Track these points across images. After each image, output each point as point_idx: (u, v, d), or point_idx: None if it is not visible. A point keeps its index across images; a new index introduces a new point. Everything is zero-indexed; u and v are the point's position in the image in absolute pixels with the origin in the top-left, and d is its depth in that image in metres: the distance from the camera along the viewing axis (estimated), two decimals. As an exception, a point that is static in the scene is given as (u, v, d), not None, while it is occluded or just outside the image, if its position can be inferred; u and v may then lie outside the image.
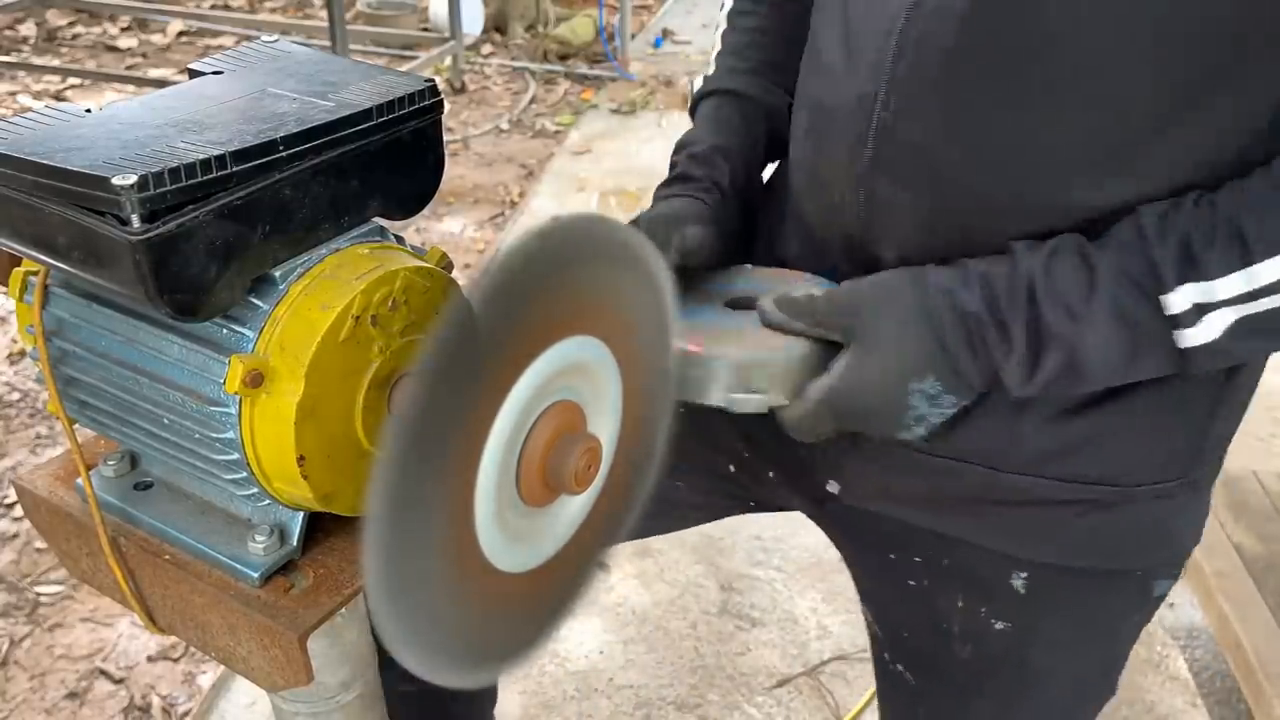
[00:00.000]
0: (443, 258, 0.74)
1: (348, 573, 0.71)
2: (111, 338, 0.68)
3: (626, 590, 2.04)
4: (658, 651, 1.90)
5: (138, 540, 0.72)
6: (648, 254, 0.61)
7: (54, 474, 0.78)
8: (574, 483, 0.59)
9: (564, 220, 0.53)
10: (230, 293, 0.62)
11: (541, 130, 4.29)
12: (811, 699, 1.82)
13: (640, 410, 0.66)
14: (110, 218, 0.57)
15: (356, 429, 0.67)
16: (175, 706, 1.76)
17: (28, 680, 1.79)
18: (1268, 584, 1.71)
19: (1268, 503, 1.90)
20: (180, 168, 0.57)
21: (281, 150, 0.62)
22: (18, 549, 2.06)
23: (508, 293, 0.51)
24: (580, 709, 1.78)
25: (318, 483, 0.65)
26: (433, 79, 0.72)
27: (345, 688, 0.78)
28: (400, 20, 5.01)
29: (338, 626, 0.74)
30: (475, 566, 0.56)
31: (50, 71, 4.38)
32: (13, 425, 2.41)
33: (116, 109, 0.66)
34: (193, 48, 5.00)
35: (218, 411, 0.64)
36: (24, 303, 0.71)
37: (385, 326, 0.66)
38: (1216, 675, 1.89)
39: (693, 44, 5.24)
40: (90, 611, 1.92)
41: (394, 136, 0.69)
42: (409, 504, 0.49)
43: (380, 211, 0.71)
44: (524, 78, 4.81)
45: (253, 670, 0.70)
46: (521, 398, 0.55)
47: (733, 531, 2.18)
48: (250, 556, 0.69)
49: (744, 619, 1.98)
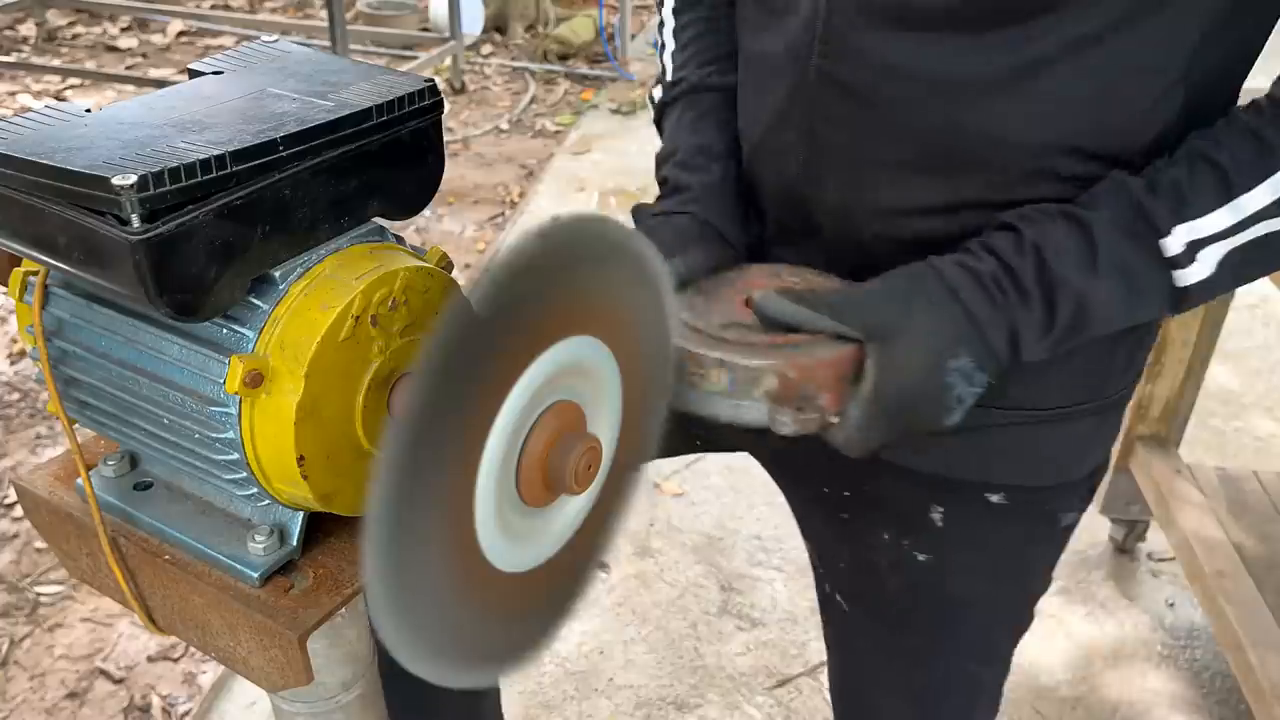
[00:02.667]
0: (443, 258, 0.74)
1: (348, 573, 0.71)
2: (111, 338, 0.68)
3: (626, 590, 2.04)
4: (658, 651, 1.90)
5: (138, 540, 0.72)
6: (648, 254, 0.61)
7: (54, 474, 0.78)
8: (574, 483, 0.59)
9: (564, 220, 0.53)
10: (230, 293, 0.62)
11: (541, 130, 4.29)
12: (811, 699, 1.82)
13: (640, 410, 0.66)
14: (110, 218, 0.57)
15: (356, 429, 0.67)
16: (175, 706, 1.76)
17: (28, 680, 1.79)
18: (1268, 584, 1.71)
19: (1268, 503, 1.90)
20: (180, 168, 0.57)
21: (281, 150, 0.62)
22: (18, 549, 2.06)
23: (508, 293, 0.51)
24: (580, 709, 1.78)
25: (318, 483, 0.65)
26: (433, 79, 0.72)
27: (345, 688, 0.78)
28: (400, 20, 5.01)
29: (338, 626, 0.74)
30: (475, 567, 0.56)
31: (50, 71, 4.38)
32: (13, 425, 2.41)
33: (116, 109, 0.66)
34: (193, 48, 5.00)
35: (218, 411, 0.64)
36: (24, 303, 0.71)
37: (385, 326, 0.66)
38: (1216, 675, 1.89)
39: (693, 44, 5.23)
40: (90, 611, 1.92)
41: (394, 136, 0.69)
42: (409, 504, 0.49)
43: (380, 211, 0.71)
44: (524, 78, 4.81)
45: (253, 670, 0.70)
46: (521, 398, 0.55)
47: (733, 532, 2.19)
48: (250, 556, 0.69)
49: (744, 619, 1.98)
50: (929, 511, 0.85)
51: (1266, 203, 0.66)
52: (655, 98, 0.94)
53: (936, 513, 0.85)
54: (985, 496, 0.85)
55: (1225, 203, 0.66)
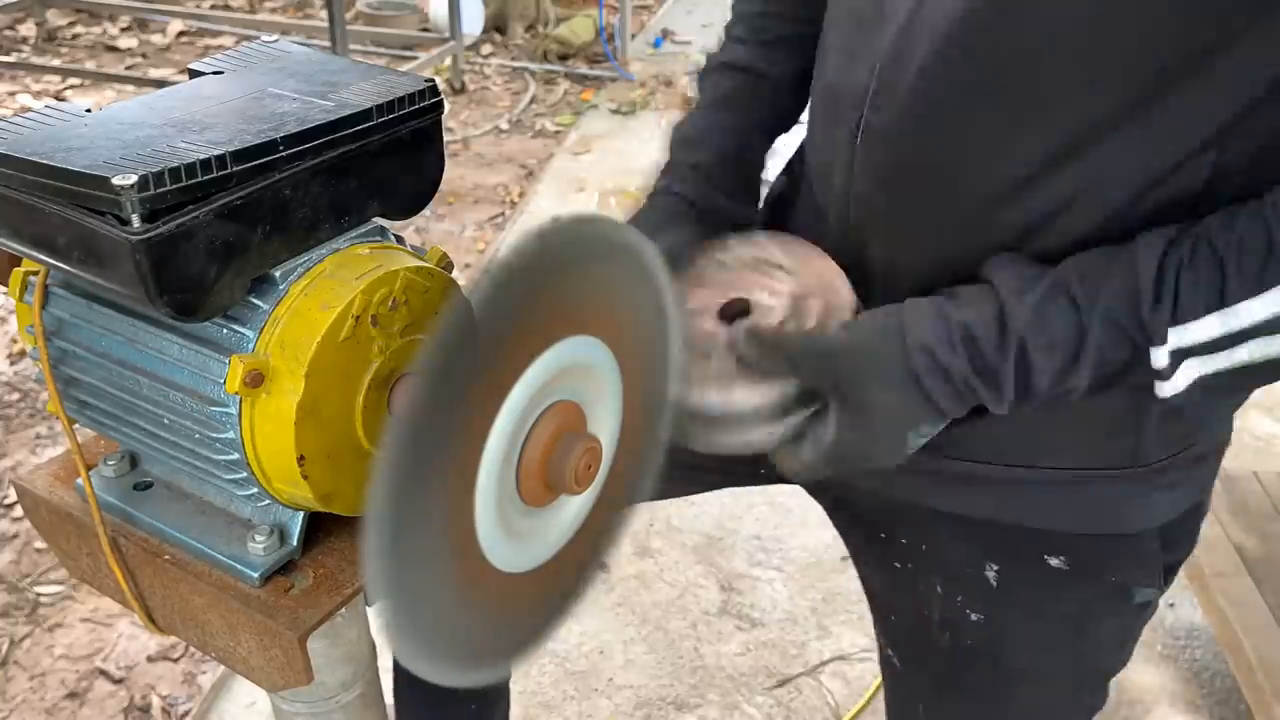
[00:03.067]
0: (443, 258, 0.74)
1: (348, 573, 0.71)
2: (111, 338, 0.68)
3: (626, 590, 2.04)
4: (658, 651, 1.90)
5: (138, 540, 0.72)
6: (648, 254, 0.61)
7: (54, 474, 0.78)
8: (574, 483, 0.59)
9: (564, 220, 0.53)
10: (230, 293, 0.62)
11: (541, 130, 4.29)
12: (811, 699, 1.82)
13: (640, 410, 0.66)
14: (110, 218, 0.57)
15: (356, 429, 0.67)
16: (175, 706, 1.76)
17: (28, 680, 1.79)
18: (1268, 584, 1.71)
19: (1268, 503, 1.90)
20: (180, 168, 0.57)
21: (281, 150, 0.62)
22: (18, 549, 2.06)
23: (508, 293, 0.51)
24: (580, 709, 1.78)
25: (318, 483, 0.65)
26: (433, 79, 0.72)
27: (345, 688, 0.78)
28: (400, 20, 5.01)
29: (338, 626, 0.74)
30: (476, 567, 0.56)
31: (50, 71, 4.38)
32: (13, 425, 2.41)
33: (116, 109, 0.66)
34: (193, 48, 5.00)
35: (218, 411, 0.64)
36: (24, 303, 0.71)
37: (385, 326, 0.66)
38: (1216, 675, 1.89)
39: (693, 44, 5.23)
40: (90, 611, 1.92)
41: (394, 136, 0.69)
42: (409, 505, 0.49)
43: (380, 211, 0.71)
44: (524, 78, 4.81)
45: (253, 670, 0.70)
46: (522, 398, 0.55)
47: (733, 532, 2.19)
48: (250, 556, 0.69)
49: (744, 619, 1.98)
50: (983, 569, 0.81)
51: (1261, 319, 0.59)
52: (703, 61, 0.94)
53: (991, 570, 0.81)
54: (1044, 559, 0.80)
55: (1215, 310, 0.60)
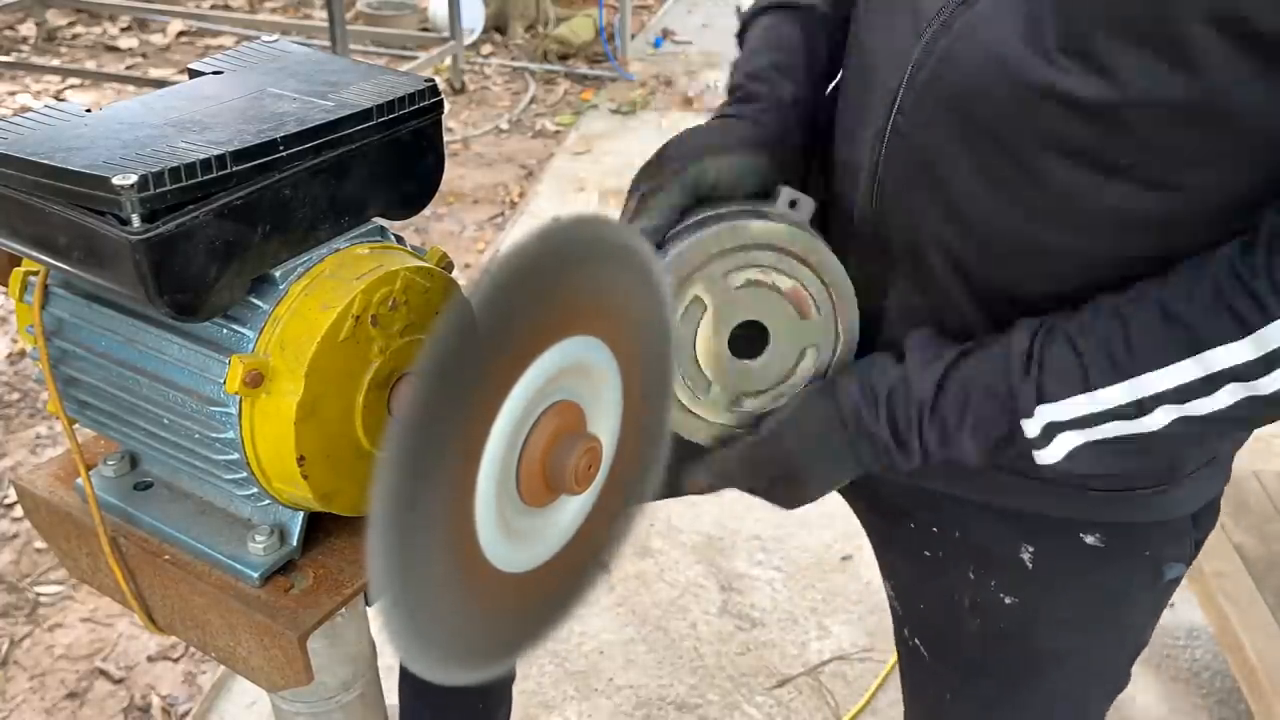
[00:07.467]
0: (443, 258, 0.74)
1: (348, 573, 0.71)
2: (111, 338, 0.68)
3: (626, 590, 2.04)
4: (658, 651, 1.90)
5: (138, 540, 0.72)
6: (647, 254, 0.61)
7: (54, 474, 0.78)
8: (574, 482, 0.59)
9: (564, 221, 0.53)
10: (230, 293, 0.62)
11: (541, 130, 4.29)
12: (811, 699, 1.82)
13: (640, 409, 0.66)
14: (110, 217, 0.57)
15: (356, 429, 0.67)
16: (175, 706, 1.76)
17: (28, 680, 1.79)
18: (1268, 584, 1.71)
19: (1268, 503, 1.90)
20: (180, 168, 0.57)
21: (281, 150, 0.62)
22: (18, 549, 2.06)
23: (508, 293, 0.51)
24: (580, 709, 1.78)
25: (318, 483, 0.65)
26: (433, 79, 0.72)
27: (345, 688, 0.78)
28: (400, 20, 5.01)
29: (338, 626, 0.74)
30: (477, 567, 0.56)
31: (50, 71, 4.37)
32: (13, 425, 2.41)
33: (116, 109, 0.66)
34: (193, 48, 5.00)
35: (218, 411, 0.64)
36: (24, 303, 0.71)
37: (385, 326, 0.66)
38: (1216, 675, 1.89)
39: (693, 44, 5.23)
40: (90, 611, 1.92)
41: (394, 136, 0.69)
42: (410, 505, 0.49)
43: (380, 211, 0.71)
44: (524, 78, 4.81)
45: (253, 670, 0.70)
46: (522, 398, 0.55)
47: (733, 531, 2.18)
48: (250, 556, 0.69)
49: (744, 619, 1.98)
50: (1019, 551, 0.80)
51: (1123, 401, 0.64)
52: (741, 7, 0.92)
53: (1026, 552, 0.80)
54: (1080, 537, 0.79)
55: (1084, 391, 0.65)
